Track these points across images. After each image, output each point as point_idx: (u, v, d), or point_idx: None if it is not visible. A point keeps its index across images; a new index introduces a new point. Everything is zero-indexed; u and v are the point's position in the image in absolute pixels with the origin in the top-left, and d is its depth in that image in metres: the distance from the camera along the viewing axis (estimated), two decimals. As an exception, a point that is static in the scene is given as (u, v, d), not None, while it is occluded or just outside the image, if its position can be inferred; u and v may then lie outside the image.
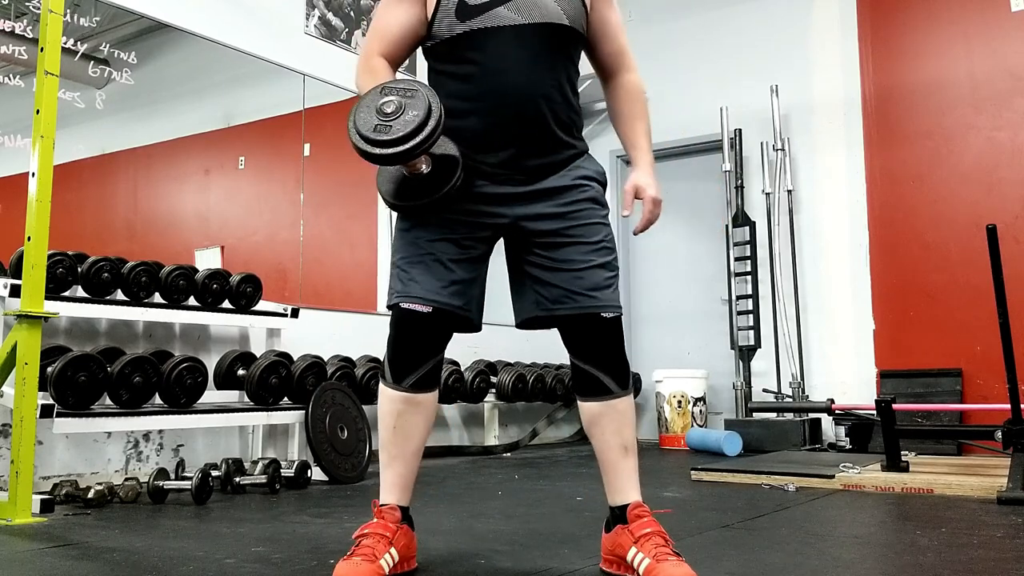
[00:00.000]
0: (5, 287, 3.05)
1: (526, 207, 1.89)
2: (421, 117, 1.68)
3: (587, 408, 1.91)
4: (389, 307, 1.93)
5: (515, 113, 1.86)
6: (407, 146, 1.67)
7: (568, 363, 1.95)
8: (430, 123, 1.68)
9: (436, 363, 1.91)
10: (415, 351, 1.87)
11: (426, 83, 1.78)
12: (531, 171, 1.89)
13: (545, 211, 1.89)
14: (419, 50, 2.01)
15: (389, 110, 1.70)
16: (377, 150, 1.69)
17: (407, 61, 2.04)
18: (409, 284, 1.87)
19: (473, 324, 1.95)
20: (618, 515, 1.88)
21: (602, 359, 1.88)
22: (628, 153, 2.04)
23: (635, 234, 2.01)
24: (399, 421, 1.89)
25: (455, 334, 1.96)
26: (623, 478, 1.90)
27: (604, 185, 2.00)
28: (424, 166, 1.79)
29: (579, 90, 2.00)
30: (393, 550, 1.81)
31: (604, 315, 1.87)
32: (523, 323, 1.98)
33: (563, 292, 1.87)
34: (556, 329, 1.94)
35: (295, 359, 3.92)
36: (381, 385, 1.93)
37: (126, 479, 3.17)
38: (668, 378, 5.69)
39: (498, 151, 1.87)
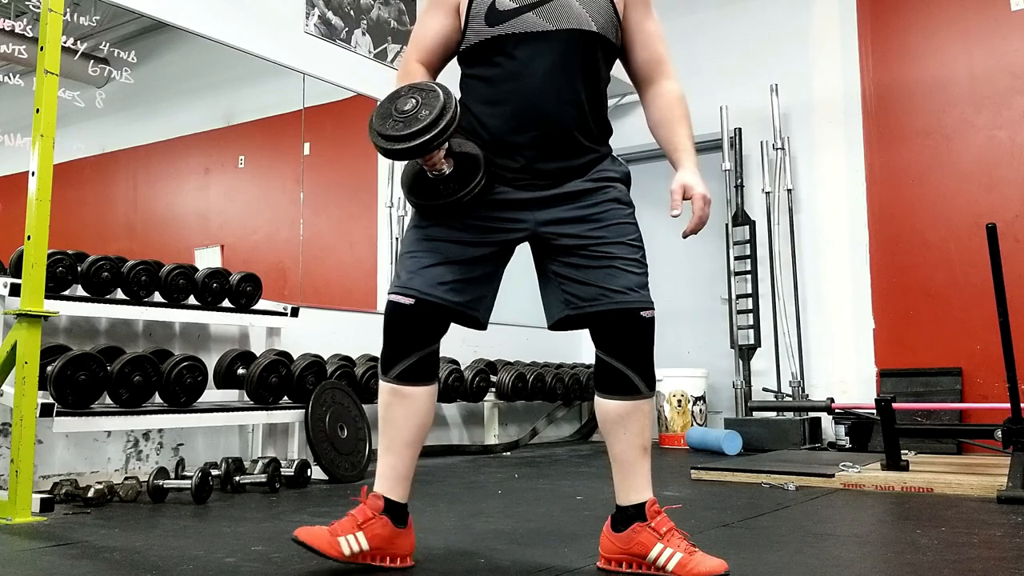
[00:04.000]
0: (5, 286, 3.05)
1: (548, 211, 1.90)
2: (435, 114, 1.73)
3: (611, 407, 1.91)
4: None
5: (536, 117, 1.88)
6: (419, 141, 1.73)
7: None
8: (443, 120, 1.73)
9: (423, 356, 1.91)
10: (400, 342, 1.90)
11: (445, 85, 1.82)
12: (551, 175, 1.91)
13: (568, 215, 1.90)
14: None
15: (405, 107, 1.77)
16: (390, 145, 1.75)
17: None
18: (404, 277, 1.91)
19: (475, 321, 1.96)
20: (633, 513, 1.88)
21: (635, 358, 1.89)
22: (670, 156, 2.00)
23: (685, 236, 1.96)
24: (388, 412, 1.93)
25: (459, 334, 1.98)
26: (640, 478, 1.91)
27: (628, 185, 2.00)
28: (446, 167, 1.83)
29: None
30: (360, 536, 1.85)
31: (643, 314, 1.89)
32: (555, 324, 1.98)
33: (598, 290, 1.88)
34: (584, 328, 1.94)
35: (295, 358, 3.92)
36: (378, 378, 1.98)
37: (126, 478, 3.17)
38: (668, 377, 5.68)
39: (518, 154, 1.89)
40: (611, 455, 1.94)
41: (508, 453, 5.12)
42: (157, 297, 3.64)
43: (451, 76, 2.02)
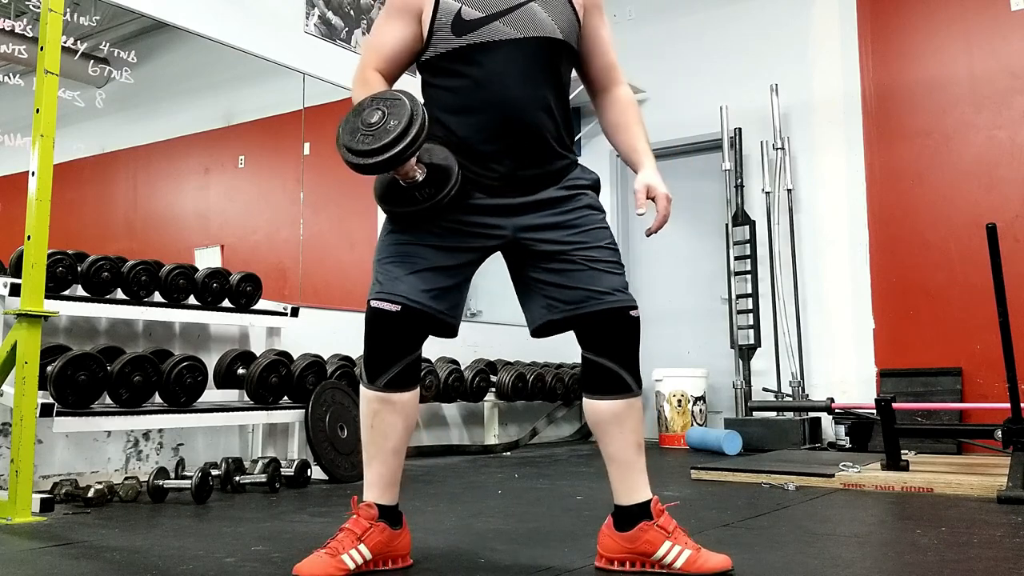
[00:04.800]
0: (5, 286, 3.05)
1: (525, 218, 1.91)
2: (403, 125, 1.71)
3: (604, 407, 1.91)
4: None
5: (511, 125, 1.88)
6: (389, 154, 1.71)
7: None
8: (412, 131, 1.71)
9: (410, 363, 1.91)
10: (386, 351, 1.88)
11: (411, 93, 1.80)
12: (527, 182, 1.92)
13: (545, 221, 1.91)
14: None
15: (372, 120, 1.74)
16: (360, 160, 1.73)
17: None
18: (386, 283, 1.90)
19: (451, 328, 1.96)
20: (638, 512, 1.89)
21: (625, 357, 1.90)
22: (629, 158, 2.05)
23: (649, 234, 2.02)
24: (375, 421, 1.91)
25: (459, 333, 1.99)
26: (639, 475, 1.92)
27: (598, 191, 2.03)
28: (418, 174, 1.81)
29: (576, 91, 2.02)
30: (363, 547, 1.84)
31: (631, 313, 1.90)
32: (537, 330, 1.99)
33: (585, 293, 1.89)
34: (567, 332, 1.95)
35: (295, 358, 3.92)
36: (360, 386, 1.95)
37: (126, 478, 3.17)
38: (668, 377, 5.68)
39: (494, 163, 1.90)
40: (607, 455, 1.94)
41: (508, 453, 5.12)
42: (157, 297, 3.64)
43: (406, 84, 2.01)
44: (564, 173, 1.95)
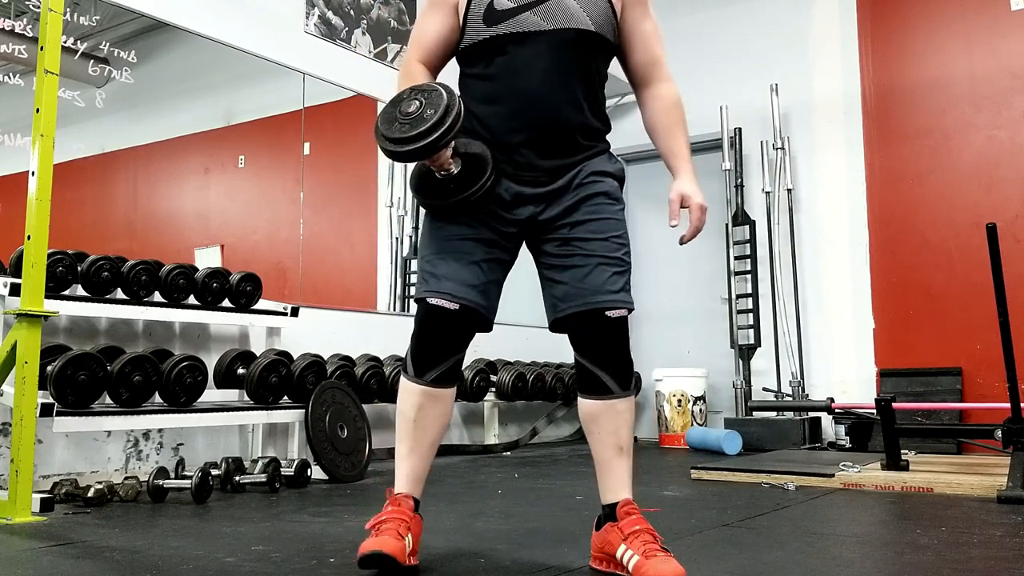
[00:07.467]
0: (5, 286, 3.05)
1: (545, 207, 1.91)
2: (439, 115, 1.75)
3: (586, 406, 1.92)
4: (416, 300, 1.96)
5: (534, 116, 1.89)
6: (424, 143, 1.75)
7: (568, 362, 1.96)
8: (447, 121, 1.75)
9: (458, 359, 1.93)
10: (439, 347, 1.90)
11: (447, 84, 1.84)
12: (550, 172, 1.92)
13: (559, 211, 1.91)
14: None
15: (409, 110, 1.79)
16: (394, 147, 1.78)
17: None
18: (440, 280, 1.90)
19: (489, 325, 1.97)
20: (608, 513, 1.89)
21: (604, 358, 1.88)
22: (668, 162, 2.01)
23: (682, 243, 1.98)
24: (419, 414, 1.92)
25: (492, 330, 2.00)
26: (615, 477, 1.91)
27: (621, 181, 2.00)
28: (454, 167, 1.85)
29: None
30: (410, 536, 1.85)
31: (608, 314, 1.87)
32: (550, 327, 1.99)
33: (569, 290, 1.89)
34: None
35: (295, 358, 3.92)
36: (402, 378, 1.95)
37: (126, 478, 3.17)
38: (668, 377, 5.68)
39: (519, 152, 1.90)
40: (592, 453, 1.95)
41: (508, 453, 5.12)
42: (157, 297, 3.64)
43: (450, 75, 2.03)
44: (586, 161, 1.94)
